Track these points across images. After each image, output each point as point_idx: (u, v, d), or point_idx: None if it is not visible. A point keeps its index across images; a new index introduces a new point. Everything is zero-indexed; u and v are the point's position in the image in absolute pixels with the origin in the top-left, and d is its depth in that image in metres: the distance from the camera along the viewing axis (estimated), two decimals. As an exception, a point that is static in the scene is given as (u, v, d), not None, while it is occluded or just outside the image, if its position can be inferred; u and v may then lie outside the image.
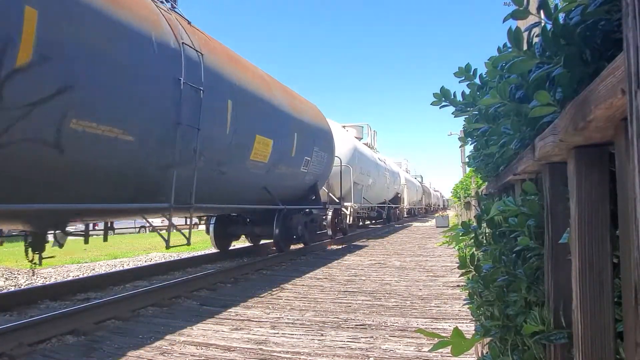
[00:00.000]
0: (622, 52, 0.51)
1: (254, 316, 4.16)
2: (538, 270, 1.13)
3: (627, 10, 0.48)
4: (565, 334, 0.91)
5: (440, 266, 7.18)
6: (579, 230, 0.77)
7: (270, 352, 3.09)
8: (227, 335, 3.54)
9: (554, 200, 0.97)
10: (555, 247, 0.95)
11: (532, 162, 1.03)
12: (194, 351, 3.15)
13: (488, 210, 1.29)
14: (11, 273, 7.30)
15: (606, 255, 0.75)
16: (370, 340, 3.31)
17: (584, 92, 0.67)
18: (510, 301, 1.22)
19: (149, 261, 9.06)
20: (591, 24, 0.75)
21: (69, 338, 3.51)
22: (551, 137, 0.85)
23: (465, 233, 1.54)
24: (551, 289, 0.96)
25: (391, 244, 11.45)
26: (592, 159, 0.77)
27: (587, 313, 0.76)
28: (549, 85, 0.89)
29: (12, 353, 3.10)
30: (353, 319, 3.97)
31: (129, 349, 3.21)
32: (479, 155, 1.99)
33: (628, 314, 0.58)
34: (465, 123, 1.64)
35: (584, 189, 0.77)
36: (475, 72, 1.46)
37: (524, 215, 1.12)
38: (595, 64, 0.76)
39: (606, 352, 0.74)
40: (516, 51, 0.89)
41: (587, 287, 0.76)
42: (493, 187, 2.18)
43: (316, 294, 5.18)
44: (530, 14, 0.84)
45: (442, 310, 4.24)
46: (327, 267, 7.45)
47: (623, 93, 0.52)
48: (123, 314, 4.20)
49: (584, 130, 0.69)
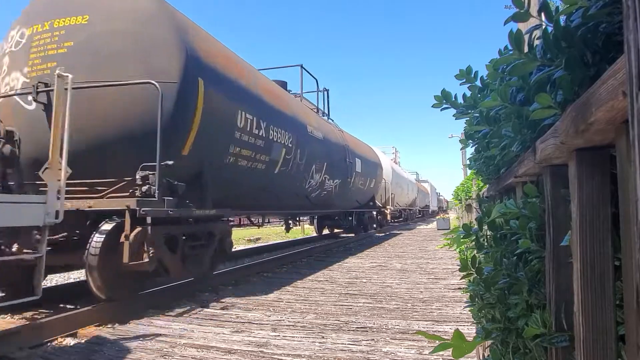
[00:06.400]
0: (623, 55, 0.51)
1: (255, 318, 4.16)
2: (539, 272, 1.13)
3: (628, 12, 0.48)
4: (566, 337, 0.91)
5: (442, 269, 7.16)
6: (580, 232, 0.77)
7: (271, 355, 3.09)
8: (228, 337, 3.54)
9: (555, 202, 0.97)
10: (557, 249, 0.95)
11: (533, 165, 1.03)
12: (194, 353, 3.14)
13: (489, 213, 1.29)
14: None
15: (607, 257, 0.75)
16: (371, 343, 3.30)
17: (585, 94, 0.67)
18: (512, 304, 1.22)
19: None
20: (592, 27, 0.75)
21: (69, 340, 3.51)
22: (552, 139, 0.85)
23: (466, 235, 1.54)
24: (552, 292, 0.96)
25: (392, 247, 11.44)
26: (593, 162, 0.77)
27: (589, 315, 0.75)
28: (550, 88, 0.89)
29: (12, 355, 3.10)
30: (354, 321, 3.97)
31: (130, 351, 3.20)
32: (480, 158, 1.99)
33: (629, 317, 0.58)
34: (466, 125, 1.64)
35: (585, 191, 0.77)
36: (476, 74, 1.46)
37: (525, 217, 1.12)
38: (596, 66, 0.76)
39: (608, 354, 0.74)
40: (517, 53, 0.89)
41: (588, 289, 0.76)
42: (494, 190, 2.17)
43: (317, 296, 5.17)
44: (531, 16, 0.84)
45: (443, 312, 4.23)
46: (328, 269, 7.44)
47: (624, 95, 0.52)
48: (124, 315, 4.19)
49: (585, 133, 0.69)
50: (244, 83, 6.09)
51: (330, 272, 7.14)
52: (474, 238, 1.51)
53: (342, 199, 11.56)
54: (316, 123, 9.33)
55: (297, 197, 8.67)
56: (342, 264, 8.12)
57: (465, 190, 15.14)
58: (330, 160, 9.73)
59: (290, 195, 8.32)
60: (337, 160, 10.45)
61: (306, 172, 8.40)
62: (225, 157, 5.65)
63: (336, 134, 11.13)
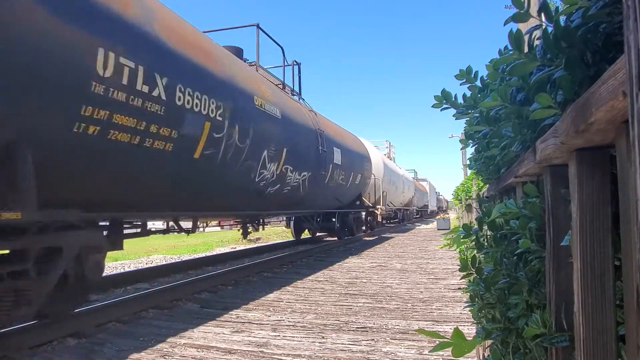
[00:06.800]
0: (623, 55, 0.51)
1: (255, 318, 4.16)
2: (539, 272, 1.13)
3: (628, 12, 0.48)
4: (566, 337, 0.91)
5: (442, 269, 7.16)
6: (580, 232, 0.77)
7: (271, 355, 3.09)
8: (228, 337, 3.54)
9: (555, 202, 0.97)
10: (557, 249, 0.95)
11: (533, 165, 1.03)
12: (194, 354, 3.15)
13: (489, 213, 1.29)
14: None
15: (607, 257, 0.75)
16: (372, 343, 3.31)
17: (585, 94, 0.67)
18: (512, 304, 1.22)
19: (150, 263, 9.06)
20: (592, 27, 0.75)
21: (70, 340, 3.51)
22: (552, 139, 0.85)
23: (466, 235, 1.54)
24: (552, 292, 0.96)
25: (392, 247, 11.44)
26: (593, 162, 0.77)
27: (589, 315, 0.75)
28: (550, 88, 0.89)
29: (13, 355, 3.10)
30: (354, 321, 3.97)
31: (130, 351, 3.20)
32: (480, 158, 1.99)
33: (630, 317, 0.58)
34: (466, 125, 1.64)
35: (585, 191, 0.77)
36: (476, 74, 1.46)
37: (525, 217, 1.12)
38: (596, 66, 0.76)
39: (608, 354, 0.74)
40: (517, 54, 0.89)
41: (588, 289, 0.76)
42: (494, 190, 2.17)
43: (317, 296, 5.17)
44: (531, 16, 0.84)
45: (443, 312, 4.23)
46: (328, 269, 7.44)
47: (624, 95, 0.52)
48: (124, 316, 4.20)
49: (585, 133, 0.69)
50: (118, 9, 3.61)
51: (330, 272, 7.14)
52: (474, 238, 1.51)
53: (315, 196, 9.30)
54: (272, 96, 6.88)
55: (244, 194, 6.35)
56: (342, 263, 8.12)
57: (466, 190, 15.15)
58: (293, 146, 7.37)
59: (231, 191, 6.00)
60: (305, 148, 8.11)
61: (253, 159, 5.97)
62: (71, 124, 3.19)
63: (305, 115, 8.69)
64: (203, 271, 7.51)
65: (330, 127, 10.54)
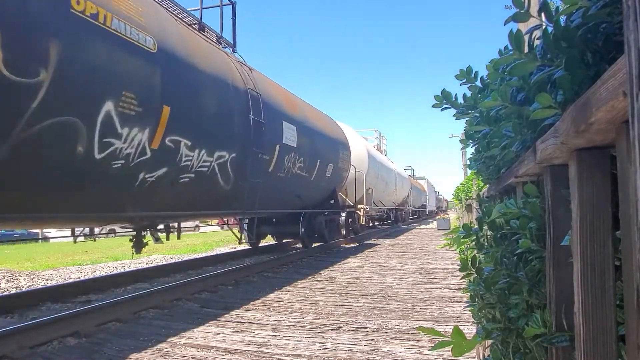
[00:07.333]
0: (623, 55, 0.51)
1: (255, 318, 4.16)
2: (539, 272, 1.13)
3: (628, 12, 0.48)
4: (567, 337, 0.91)
5: (442, 269, 7.16)
6: (580, 232, 0.77)
7: (271, 355, 3.09)
8: (228, 337, 3.54)
9: (555, 202, 0.97)
10: (557, 249, 0.95)
11: (534, 165, 1.03)
12: (195, 353, 3.15)
13: (489, 213, 1.29)
14: (12, 275, 7.30)
15: (608, 257, 0.75)
16: (372, 343, 3.31)
17: (585, 94, 0.67)
18: (512, 304, 1.22)
19: (150, 263, 9.07)
20: (592, 27, 0.75)
21: (70, 340, 3.51)
22: (552, 139, 0.85)
23: (466, 235, 1.54)
24: (553, 292, 0.96)
25: (392, 247, 11.44)
26: (594, 162, 0.77)
27: (589, 316, 0.75)
28: (550, 88, 0.89)
29: (13, 355, 3.10)
30: (354, 321, 3.97)
31: (130, 351, 3.20)
32: (480, 158, 1.99)
33: (630, 317, 0.58)
34: (467, 125, 1.64)
35: (585, 191, 0.77)
36: (476, 74, 1.46)
37: (525, 217, 1.12)
38: (596, 66, 0.76)
39: (608, 354, 0.74)
40: (517, 54, 0.89)
41: (588, 289, 0.76)
42: (494, 190, 2.17)
43: (317, 296, 5.17)
44: (532, 16, 0.84)
45: (443, 312, 4.23)
46: (328, 269, 7.44)
47: (624, 95, 0.52)
48: (124, 316, 4.20)
49: (585, 133, 0.69)
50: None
51: (330, 272, 7.14)
52: (474, 238, 1.51)
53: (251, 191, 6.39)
54: (142, 16, 4.14)
55: (76, 181, 3.74)
56: (342, 263, 8.12)
57: (466, 190, 15.15)
58: (189, 104, 4.81)
59: (45, 177, 3.51)
60: (221, 112, 5.53)
61: (73, 113, 3.41)
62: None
63: (226, 66, 5.91)
64: (203, 271, 7.51)
65: (282, 95, 7.69)
